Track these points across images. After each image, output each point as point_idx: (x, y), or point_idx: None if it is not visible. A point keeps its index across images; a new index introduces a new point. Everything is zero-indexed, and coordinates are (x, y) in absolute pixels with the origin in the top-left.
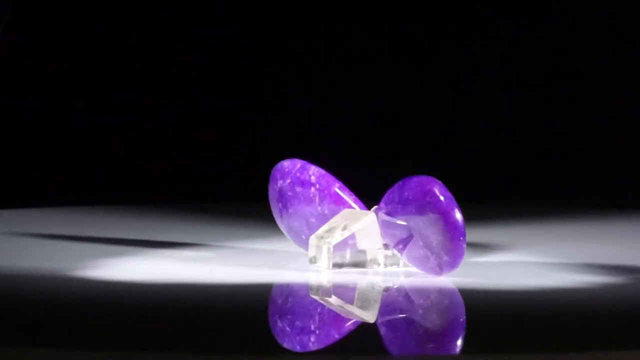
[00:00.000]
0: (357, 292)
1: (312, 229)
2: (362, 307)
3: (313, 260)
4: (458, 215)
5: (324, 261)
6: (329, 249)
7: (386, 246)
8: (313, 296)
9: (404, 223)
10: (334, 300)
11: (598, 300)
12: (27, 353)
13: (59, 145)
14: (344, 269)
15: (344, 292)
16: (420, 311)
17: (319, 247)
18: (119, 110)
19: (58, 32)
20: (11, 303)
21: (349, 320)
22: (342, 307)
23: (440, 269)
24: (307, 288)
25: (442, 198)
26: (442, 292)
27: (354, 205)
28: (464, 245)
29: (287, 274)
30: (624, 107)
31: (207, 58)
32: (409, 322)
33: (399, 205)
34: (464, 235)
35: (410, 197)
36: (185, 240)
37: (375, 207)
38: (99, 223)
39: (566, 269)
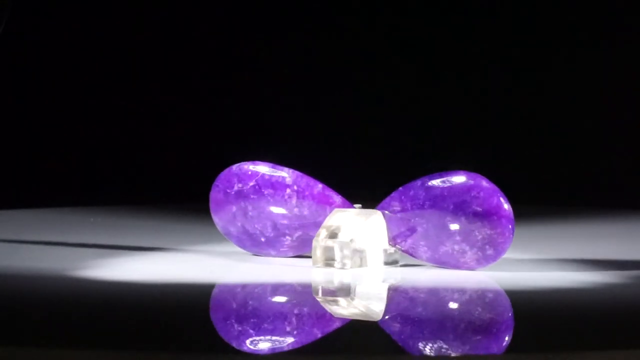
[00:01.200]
0: (366, 290)
1: (280, 230)
2: (372, 305)
3: (318, 260)
4: (507, 207)
5: (331, 261)
6: (329, 248)
7: (391, 244)
8: (319, 297)
9: (427, 220)
10: (338, 299)
11: (598, 300)
12: (27, 353)
13: (58, 145)
14: (349, 269)
15: (351, 291)
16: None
17: (323, 248)
18: (119, 110)
19: (57, 34)
20: (11, 303)
21: (351, 319)
22: (347, 305)
23: (477, 263)
24: (319, 288)
25: (492, 191)
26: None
27: (342, 205)
28: (512, 237)
29: (293, 274)
30: (624, 107)
31: (203, 58)
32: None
33: (427, 202)
34: (514, 227)
35: (446, 193)
36: (185, 240)
37: (357, 205)
38: (99, 223)
39: (566, 269)
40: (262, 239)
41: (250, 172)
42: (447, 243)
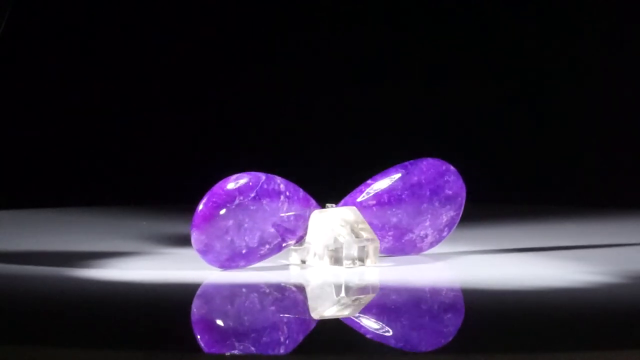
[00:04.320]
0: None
1: (264, 239)
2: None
3: (348, 262)
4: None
5: (330, 261)
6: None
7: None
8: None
9: (404, 210)
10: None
11: (597, 300)
12: (27, 353)
13: (58, 146)
14: (348, 267)
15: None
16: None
17: (337, 250)
18: (119, 110)
19: (55, 37)
20: (11, 303)
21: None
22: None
23: (430, 246)
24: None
25: (457, 174)
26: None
27: (316, 206)
28: None
29: (303, 273)
30: (624, 107)
31: (202, 58)
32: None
33: (406, 192)
34: None
35: (424, 180)
36: (184, 240)
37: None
38: (99, 223)
39: (566, 268)
40: (243, 251)
41: (251, 183)
42: (416, 230)
